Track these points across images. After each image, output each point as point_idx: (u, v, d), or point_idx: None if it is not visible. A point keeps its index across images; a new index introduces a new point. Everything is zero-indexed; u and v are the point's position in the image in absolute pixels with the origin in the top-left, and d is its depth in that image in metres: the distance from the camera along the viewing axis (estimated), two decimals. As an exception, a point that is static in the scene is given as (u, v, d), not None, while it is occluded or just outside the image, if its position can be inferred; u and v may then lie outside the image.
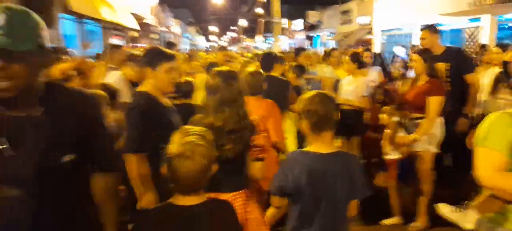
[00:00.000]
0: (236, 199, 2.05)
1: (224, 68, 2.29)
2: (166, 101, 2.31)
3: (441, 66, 3.73)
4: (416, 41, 14.33)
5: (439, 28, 4.29)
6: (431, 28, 4.04)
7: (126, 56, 4.20)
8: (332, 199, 1.81)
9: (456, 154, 4.36)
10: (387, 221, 3.62)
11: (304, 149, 1.91)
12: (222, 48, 6.37)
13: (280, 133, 3.05)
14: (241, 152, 2.02)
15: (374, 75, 4.70)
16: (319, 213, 1.81)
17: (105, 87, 3.38)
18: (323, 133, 1.85)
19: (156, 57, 2.23)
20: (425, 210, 3.40)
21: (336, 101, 1.96)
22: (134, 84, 4.08)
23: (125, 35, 15.98)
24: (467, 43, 13.05)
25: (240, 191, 2.09)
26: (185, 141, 1.35)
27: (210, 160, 1.38)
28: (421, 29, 4.11)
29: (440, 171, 4.21)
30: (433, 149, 3.30)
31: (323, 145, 1.85)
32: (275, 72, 4.13)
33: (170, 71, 2.23)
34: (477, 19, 12.57)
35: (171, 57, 2.25)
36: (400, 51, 5.79)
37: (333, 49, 5.35)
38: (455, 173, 4.50)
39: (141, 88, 2.26)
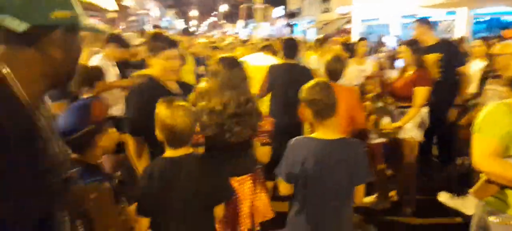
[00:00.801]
0: (244, 182, 2.10)
1: (228, 55, 2.29)
2: (172, 85, 2.25)
3: (433, 57, 3.89)
4: (394, 31, 14.66)
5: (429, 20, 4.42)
6: (421, 21, 4.24)
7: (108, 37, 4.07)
8: (336, 184, 1.87)
9: (443, 142, 4.56)
10: (378, 206, 3.75)
11: (309, 135, 1.97)
12: (185, 31, 6.11)
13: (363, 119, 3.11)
14: (248, 137, 2.06)
15: (370, 65, 4.77)
16: (323, 197, 1.88)
17: (89, 69, 3.29)
18: (326, 120, 1.91)
19: (158, 43, 2.17)
20: (414, 196, 3.53)
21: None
22: (119, 64, 4.00)
23: (102, 17, 15.46)
24: (441, 36, 13.44)
25: (248, 175, 2.13)
26: (174, 105, 1.66)
27: (194, 117, 1.73)
28: (413, 22, 4.27)
29: (427, 159, 4.40)
30: (419, 137, 3.43)
31: (327, 131, 1.91)
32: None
33: (172, 58, 2.17)
34: (453, 12, 12.95)
35: (173, 44, 2.20)
36: (391, 41, 5.89)
37: (327, 36, 5.33)
38: (441, 160, 4.69)
39: (145, 71, 2.23)
